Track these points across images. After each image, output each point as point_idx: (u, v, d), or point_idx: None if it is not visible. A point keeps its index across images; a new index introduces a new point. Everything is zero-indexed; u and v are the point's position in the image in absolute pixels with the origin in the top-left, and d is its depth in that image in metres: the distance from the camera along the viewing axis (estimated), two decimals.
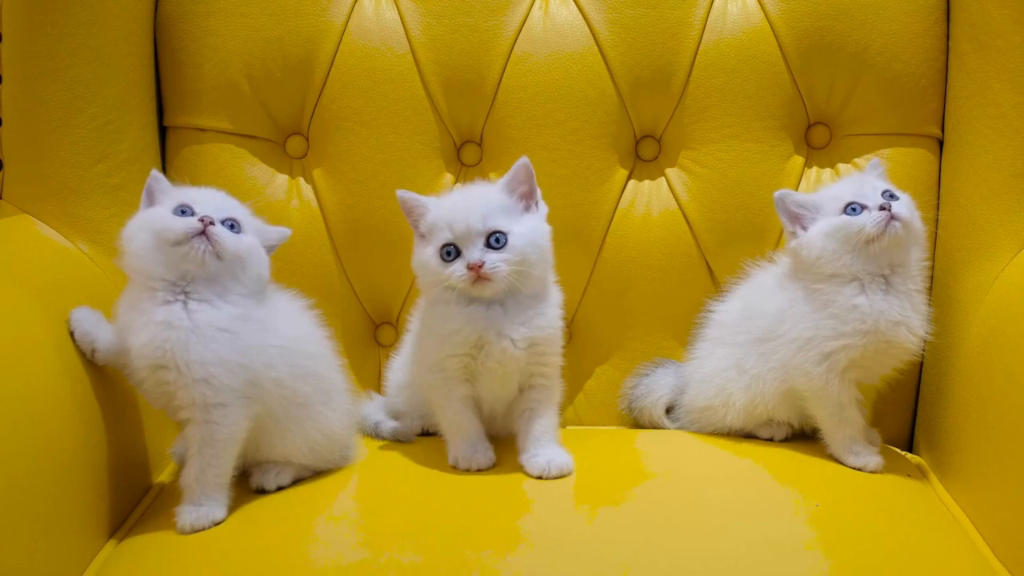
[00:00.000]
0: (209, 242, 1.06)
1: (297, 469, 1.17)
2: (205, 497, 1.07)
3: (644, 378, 1.42)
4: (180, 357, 1.05)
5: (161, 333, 1.05)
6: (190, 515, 1.06)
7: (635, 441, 1.34)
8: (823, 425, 1.26)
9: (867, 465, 1.22)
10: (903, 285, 1.22)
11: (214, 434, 1.07)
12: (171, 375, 1.05)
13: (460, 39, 1.45)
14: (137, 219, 1.11)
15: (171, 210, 1.09)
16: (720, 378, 1.32)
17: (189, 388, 1.05)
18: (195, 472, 1.07)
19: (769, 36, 1.42)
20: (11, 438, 0.95)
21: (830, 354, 1.22)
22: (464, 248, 1.15)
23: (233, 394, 1.07)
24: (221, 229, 1.08)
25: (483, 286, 1.15)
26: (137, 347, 1.07)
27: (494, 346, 1.17)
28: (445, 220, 1.16)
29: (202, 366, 1.05)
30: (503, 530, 1.04)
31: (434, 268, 1.16)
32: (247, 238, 1.11)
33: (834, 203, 1.22)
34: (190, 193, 1.13)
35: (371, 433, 1.35)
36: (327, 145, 1.47)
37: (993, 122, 1.30)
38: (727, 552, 1.00)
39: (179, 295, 1.07)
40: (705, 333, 1.37)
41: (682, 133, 1.46)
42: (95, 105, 1.33)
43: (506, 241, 1.15)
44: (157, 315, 1.06)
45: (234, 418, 1.08)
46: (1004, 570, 1.04)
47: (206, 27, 1.43)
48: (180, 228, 1.06)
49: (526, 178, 1.19)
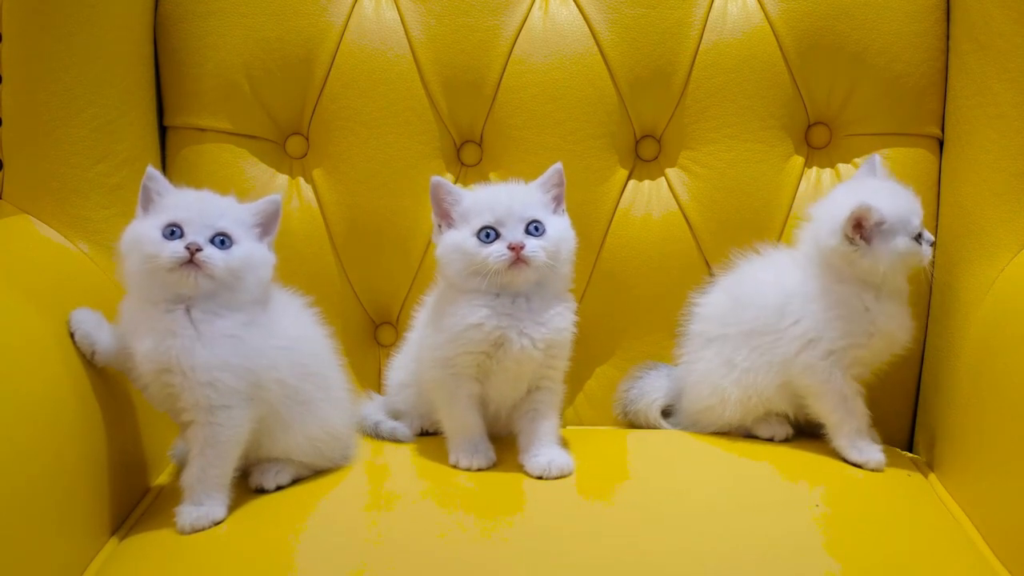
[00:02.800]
0: (199, 268, 1.06)
1: (296, 468, 1.17)
2: (206, 496, 1.07)
3: (638, 381, 1.42)
4: (185, 362, 1.05)
5: (166, 340, 1.06)
6: (190, 515, 1.06)
7: (636, 441, 1.34)
8: (828, 420, 1.26)
9: (868, 462, 1.22)
10: (899, 287, 1.26)
11: (217, 435, 1.07)
12: (176, 379, 1.06)
13: (460, 39, 1.44)
14: (129, 235, 1.11)
15: (160, 228, 1.08)
16: (712, 376, 1.32)
17: (194, 391, 1.06)
18: (197, 472, 1.07)
19: (769, 36, 1.42)
20: (12, 437, 0.95)
21: (835, 351, 1.23)
22: (504, 231, 1.16)
23: (237, 396, 1.07)
24: (210, 252, 1.07)
25: (518, 270, 1.15)
26: (142, 352, 1.07)
27: (514, 344, 1.17)
28: (485, 204, 1.18)
29: (207, 371, 1.06)
30: (503, 530, 1.04)
31: (470, 250, 1.16)
32: (240, 249, 1.10)
33: (907, 225, 1.22)
34: (180, 203, 1.11)
35: (371, 433, 1.35)
36: (327, 145, 1.47)
37: (993, 122, 1.30)
38: (728, 552, 1.00)
39: (180, 306, 1.08)
40: (690, 329, 1.37)
41: (682, 133, 1.46)
42: (95, 105, 1.33)
43: (544, 231, 1.17)
44: (161, 323, 1.07)
45: (238, 420, 1.08)
46: (1004, 570, 1.04)
47: (206, 27, 1.43)
48: (167, 256, 1.06)
49: (559, 182, 1.22)
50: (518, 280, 1.17)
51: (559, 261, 1.19)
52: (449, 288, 1.21)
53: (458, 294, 1.19)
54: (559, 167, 1.22)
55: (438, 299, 1.24)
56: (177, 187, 1.16)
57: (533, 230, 1.17)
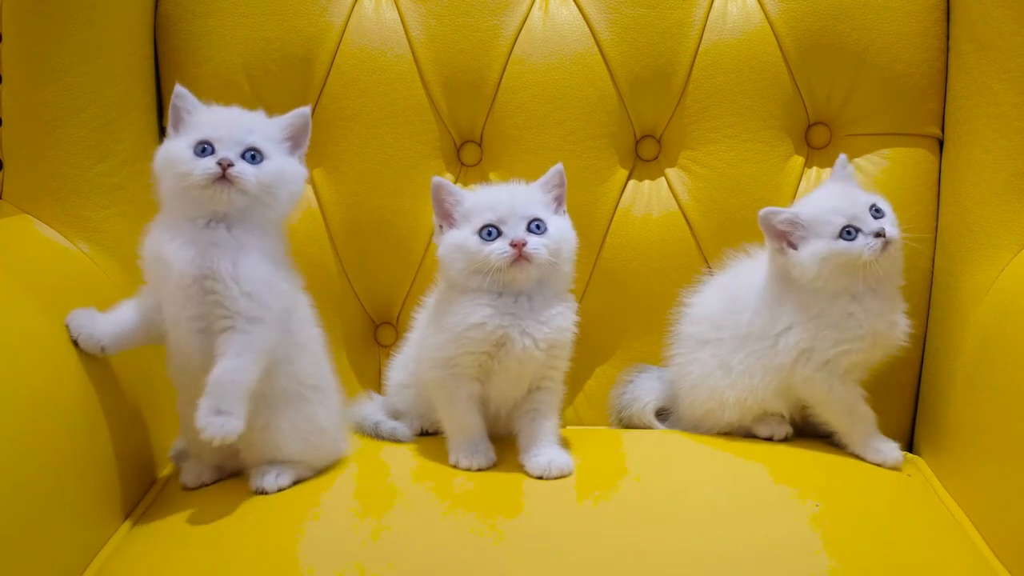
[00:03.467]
0: (232, 183, 1.08)
1: (297, 470, 1.17)
2: (236, 404, 1.06)
3: (629, 385, 1.42)
4: (227, 271, 1.08)
5: (209, 249, 1.09)
6: (222, 426, 1.05)
7: (635, 442, 1.34)
8: (837, 428, 1.27)
9: (887, 461, 1.23)
10: (889, 288, 1.24)
11: (255, 343, 1.09)
12: (219, 286, 1.08)
13: (460, 39, 1.45)
14: (161, 154, 1.13)
15: (191, 146, 1.10)
16: (709, 380, 1.31)
17: (236, 300, 1.08)
18: (231, 373, 1.07)
19: (769, 36, 1.42)
20: (16, 432, 0.96)
21: (829, 360, 1.23)
22: (505, 229, 1.16)
23: (271, 314, 1.10)
24: (241, 168, 1.09)
25: (520, 267, 1.15)
26: (183, 260, 1.09)
27: (516, 344, 1.17)
28: (487, 204, 1.18)
29: (250, 282, 1.09)
30: (503, 530, 1.04)
31: (472, 248, 1.17)
32: (271, 164, 1.12)
33: (827, 226, 1.20)
34: (210, 120, 1.13)
35: (371, 433, 1.35)
36: (327, 145, 1.47)
37: (993, 122, 1.30)
38: (728, 552, 1.00)
39: (221, 224, 1.11)
40: (682, 330, 1.36)
41: (682, 133, 1.46)
42: (95, 105, 1.33)
43: (546, 229, 1.18)
44: (202, 236, 1.10)
45: (268, 336, 1.10)
46: (1004, 570, 1.04)
47: (206, 27, 1.43)
48: (200, 173, 1.08)
49: (560, 182, 1.23)
50: (520, 278, 1.17)
51: (561, 260, 1.19)
52: (450, 288, 1.21)
53: (459, 294, 1.19)
54: (560, 168, 1.23)
55: (439, 299, 1.24)
56: (206, 104, 1.17)
57: (535, 228, 1.17)
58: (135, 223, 1.19)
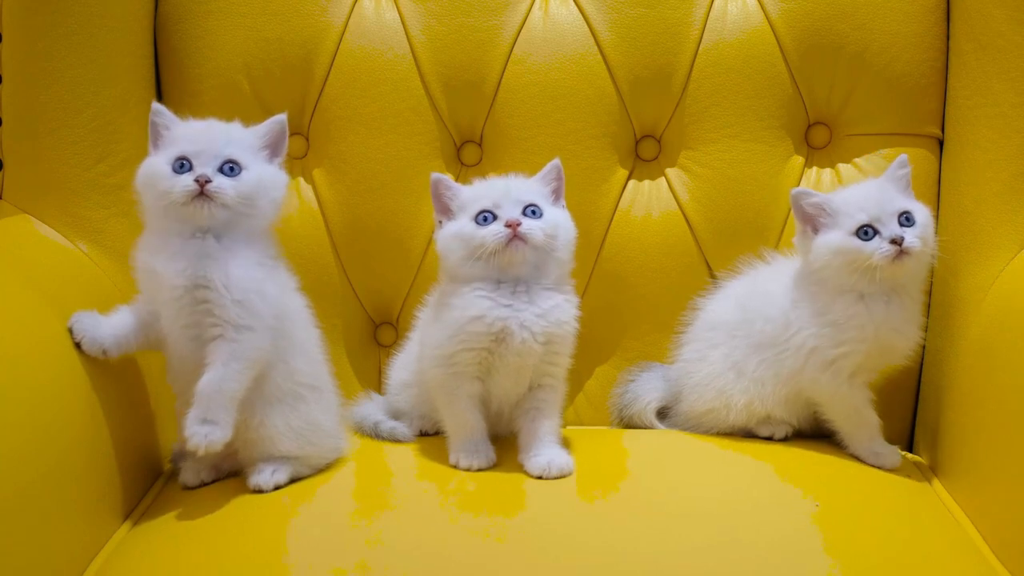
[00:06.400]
0: (211, 199, 1.09)
1: (294, 467, 1.17)
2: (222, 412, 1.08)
3: (631, 384, 1.41)
4: (219, 279, 1.09)
5: (200, 260, 1.10)
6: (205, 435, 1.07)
7: (635, 441, 1.34)
8: (841, 429, 1.27)
9: (885, 464, 1.24)
10: (905, 298, 1.23)
11: (243, 352, 1.10)
12: (211, 294, 1.09)
13: (460, 39, 1.45)
14: (142, 172, 1.14)
15: (170, 163, 1.11)
16: (719, 381, 1.31)
17: (226, 308, 1.09)
18: (217, 383, 1.08)
19: (769, 36, 1.42)
20: (18, 432, 0.96)
21: (833, 361, 1.22)
22: (500, 213, 1.18)
23: (262, 322, 1.11)
24: (219, 182, 1.10)
25: (516, 248, 1.16)
26: (174, 271, 1.10)
27: (515, 337, 1.17)
28: (483, 192, 1.20)
29: (241, 290, 1.10)
30: (503, 530, 1.04)
31: (468, 233, 1.18)
32: (249, 175, 1.13)
33: (850, 219, 1.19)
34: (187, 135, 1.14)
35: (371, 433, 1.34)
36: (327, 145, 1.47)
37: (993, 122, 1.30)
38: (728, 552, 1.00)
39: (209, 235, 1.11)
40: (694, 333, 1.36)
41: (682, 133, 1.46)
42: (95, 105, 1.33)
43: (542, 214, 1.19)
44: (192, 248, 1.11)
45: (259, 343, 1.11)
46: (1004, 570, 1.04)
47: (206, 27, 1.43)
48: (179, 191, 1.09)
49: (558, 176, 1.25)
50: (516, 259, 1.17)
51: (557, 246, 1.19)
52: (450, 282, 1.22)
53: (458, 286, 1.19)
54: (557, 162, 1.24)
55: (439, 296, 1.25)
56: (183, 119, 1.17)
57: (530, 213, 1.18)
58: (135, 223, 1.19)
